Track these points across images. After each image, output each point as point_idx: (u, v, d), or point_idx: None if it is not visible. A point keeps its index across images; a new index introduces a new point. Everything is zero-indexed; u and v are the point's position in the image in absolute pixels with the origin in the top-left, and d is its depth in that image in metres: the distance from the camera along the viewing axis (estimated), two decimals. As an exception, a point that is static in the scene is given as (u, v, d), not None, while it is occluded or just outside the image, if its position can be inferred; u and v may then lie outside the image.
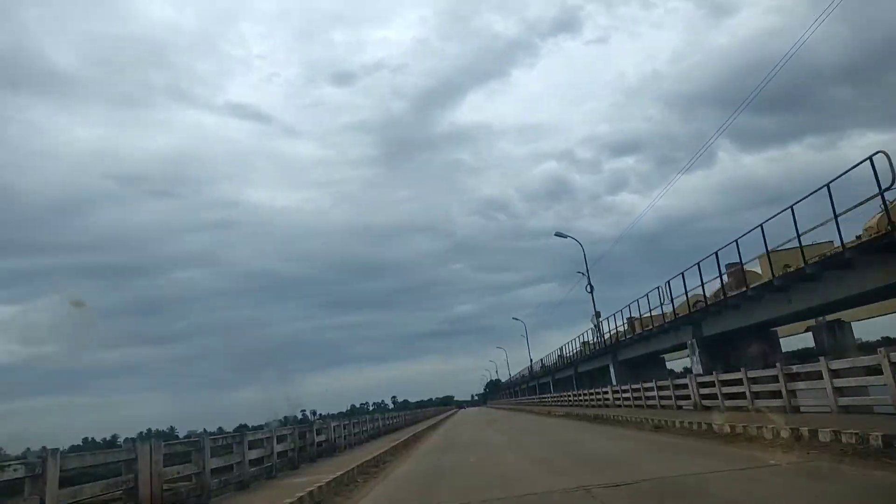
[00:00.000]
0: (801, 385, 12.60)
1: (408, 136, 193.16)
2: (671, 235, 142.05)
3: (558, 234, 40.24)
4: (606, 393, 27.46)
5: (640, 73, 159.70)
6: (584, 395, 32.20)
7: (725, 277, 18.51)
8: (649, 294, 24.44)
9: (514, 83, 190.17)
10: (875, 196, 10.88)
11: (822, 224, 12.33)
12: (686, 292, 20.82)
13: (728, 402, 15.42)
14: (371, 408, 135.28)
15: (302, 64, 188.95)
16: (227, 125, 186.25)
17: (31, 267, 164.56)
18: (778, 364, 13.62)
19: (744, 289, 16.92)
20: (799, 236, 13.42)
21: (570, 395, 37.09)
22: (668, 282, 21.90)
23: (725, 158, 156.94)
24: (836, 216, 11.91)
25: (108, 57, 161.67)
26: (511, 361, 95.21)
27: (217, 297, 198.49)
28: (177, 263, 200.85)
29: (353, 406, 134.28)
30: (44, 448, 6.83)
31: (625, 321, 29.89)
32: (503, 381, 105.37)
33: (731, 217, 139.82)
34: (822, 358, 11.95)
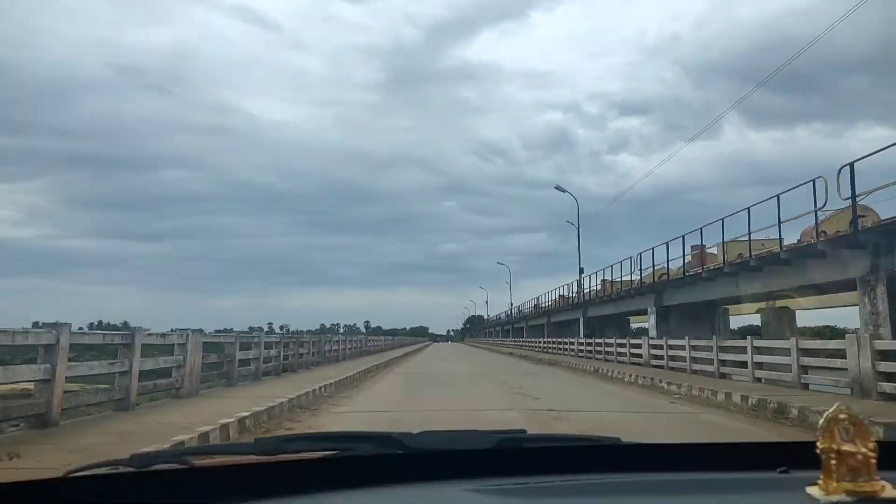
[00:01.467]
0: (728, 356, 15.15)
1: (415, 65, 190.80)
2: (665, 202, 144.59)
3: (557, 188, 40.16)
4: (572, 344, 30.37)
5: (660, 33, 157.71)
6: (553, 342, 35.12)
7: (689, 257, 20.83)
8: (623, 262, 26.92)
9: (531, 26, 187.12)
10: (810, 212, 13.07)
11: (766, 228, 14.61)
12: (653, 266, 23.21)
13: (672, 363, 18.03)
14: (342, 330, 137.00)
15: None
16: (234, 27, 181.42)
17: (24, 146, 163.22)
18: (714, 337, 16.15)
19: (699, 269, 19.33)
20: (749, 234, 15.66)
21: (540, 342, 40.11)
22: (640, 254, 24.24)
23: (731, 132, 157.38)
24: (779, 223, 14.17)
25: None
26: (491, 303, 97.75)
27: (203, 201, 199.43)
28: (166, 162, 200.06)
29: (322, 325, 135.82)
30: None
31: (599, 282, 32.44)
32: (491, 316, 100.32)
33: (728, 191, 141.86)
34: (748, 337, 14.43)
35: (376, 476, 1.06)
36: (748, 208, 15.38)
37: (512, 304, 66.93)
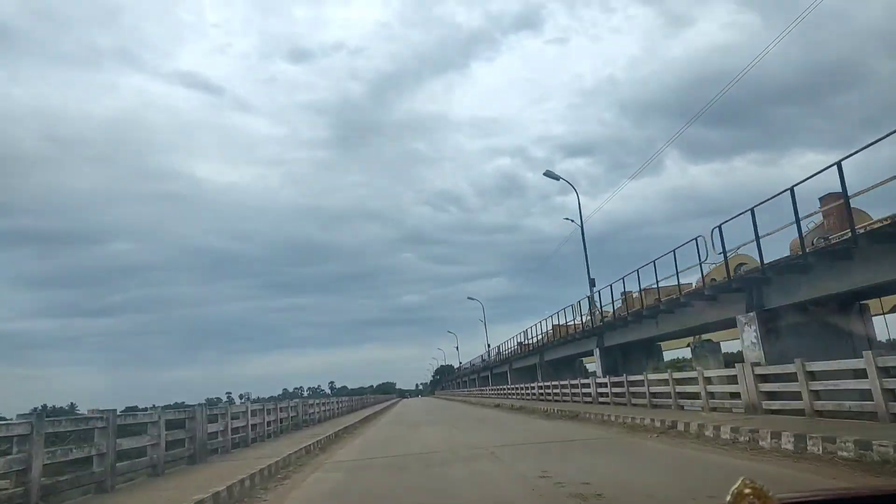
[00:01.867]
0: (654, 389, 17.82)
1: (363, 120, 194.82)
2: (617, 238, 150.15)
3: (548, 174, 33.70)
4: (532, 388, 32.78)
5: (597, 76, 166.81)
6: (515, 388, 37.45)
7: (620, 302, 23.79)
8: (572, 305, 29.74)
9: (473, 76, 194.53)
10: (695, 265, 16.14)
11: (680, 272, 17.62)
12: (591, 311, 26.07)
13: (616, 399, 20.59)
14: (306, 393, 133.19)
15: (258, 36, 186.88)
16: (176, 94, 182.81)
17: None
18: (644, 373, 18.86)
19: (625, 314, 22.27)
20: (657, 283, 18.63)
21: (506, 388, 42.36)
22: (580, 301, 27.13)
23: (672, 167, 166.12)
24: (677, 272, 17.17)
25: (53, 11, 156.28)
26: (461, 350, 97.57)
27: (155, 271, 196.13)
28: (115, 234, 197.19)
29: (285, 390, 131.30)
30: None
31: (549, 327, 35.18)
32: (456, 366, 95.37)
33: (675, 224, 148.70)
34: (644, 374, 17.17)
35: None
36: (674, 250, 18.15)
37: (489, 345, 63.43)
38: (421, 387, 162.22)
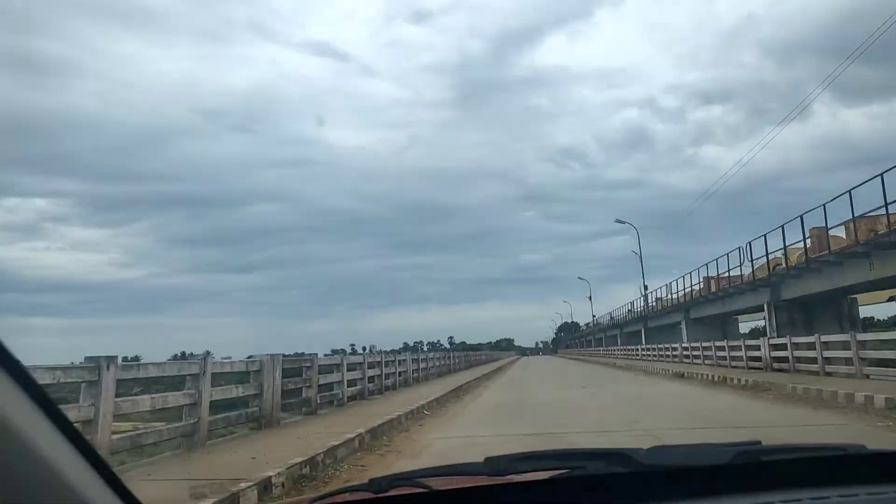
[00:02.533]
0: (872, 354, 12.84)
1: (484, 78, 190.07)
2: (756, 193, 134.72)
3: (619, 221, 43.76)
4: (675, 350, 27.89)
5: (735, 14, 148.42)
6: (651, 349, 32.62)
7: (808, 242, 18.32)
8: (729, 254, 24.35)
9: (598, 24, 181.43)
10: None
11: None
12: (767, 254, 20.69)
13: (798, 366, 15.69)
14: (426, 347, 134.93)
15: (380, 0, 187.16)
16: (306, 63, 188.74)
17: (121, 194, 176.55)
18: (852, 332, 13.82)
19: (826, 252, 16.80)
20: (886, 203, 13.27)
21: (638, 349, 37.53)
22: (749, 243, 21.77)
23: (822, 112, 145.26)
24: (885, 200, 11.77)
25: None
26: (576, 314, 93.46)
27: (291, 231, 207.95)
28: (255, 197, 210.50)
29: (405, 344, 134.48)
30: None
31: (700, 280, 29.80)
32: (585, 322, 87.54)
33: (824, 176, 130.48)
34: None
35: (614, 496, 1.06)
36: (882, 174, 13.04)
37: (595, 316, 63.83)
38: (541, 345, 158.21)
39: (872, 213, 15.29)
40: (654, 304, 40.46)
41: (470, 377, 22.75)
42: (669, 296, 35.92)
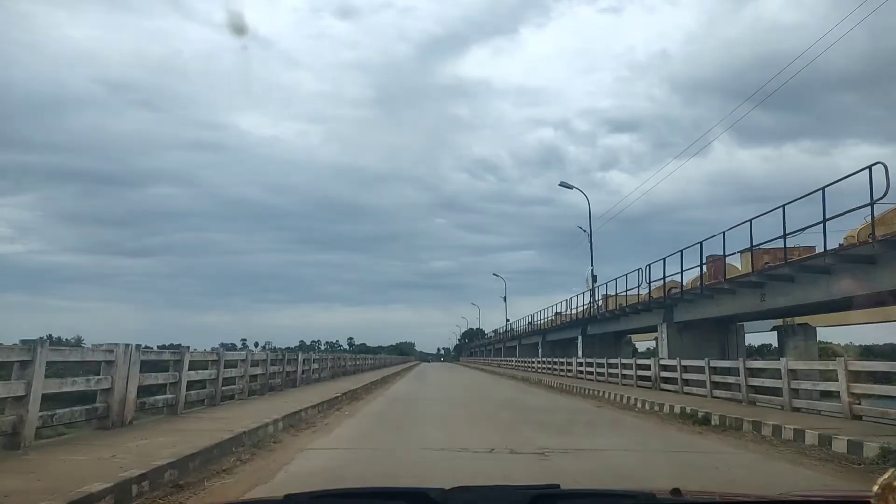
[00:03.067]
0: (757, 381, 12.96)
1: (407, 82, 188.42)
2: (655, 220, 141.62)
3: (563, 185, 37.58)
4: (570, 364, 28.06)
5: (649, 50, 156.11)
6: (549, 363, 32.82)
7: (705, 268, 18.71)
8: (628, 275, 24.75)
9: (521, 43, 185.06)
10: (866, 205, 10.93)
11: (811, 226, 12.40)
12: (664, 277, 21.04)
13: (686, 388, 15.79)
14: (323, 346, 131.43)
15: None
16: (225, 45, 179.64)
17: (11, 162, 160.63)
18: (740, 358, 13.97)
19: (721, 280, 17.14)
20: (785, 236, 13.52)
21: (535, 362, 37.77)
22: (649, 265, 22.11)
23: (720, 150, 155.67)
24: (825, 220, 11.96)
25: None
26: (484, 321, 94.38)
27: (193, 217, 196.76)
28: (156, 179, 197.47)
29: (302, 342, 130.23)
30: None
31: (600, 297, 30.28)
32: (487, 331, 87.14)
33: (719, 210, 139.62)
34: (783, 359, 12.23)
35: None
36: (783, 206, 13.24)
37: (508, 320, 63.15)
38: (443, 352, 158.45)
39: (768, 245, 15.72)
40: (553, 318, 40.95)
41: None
42: (569, 311, 36.37)
